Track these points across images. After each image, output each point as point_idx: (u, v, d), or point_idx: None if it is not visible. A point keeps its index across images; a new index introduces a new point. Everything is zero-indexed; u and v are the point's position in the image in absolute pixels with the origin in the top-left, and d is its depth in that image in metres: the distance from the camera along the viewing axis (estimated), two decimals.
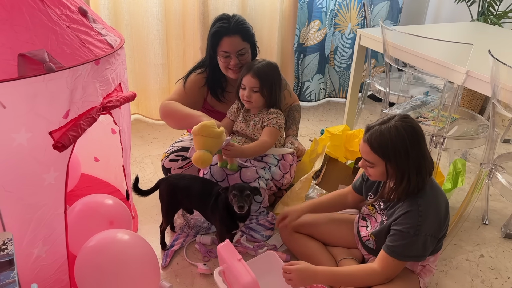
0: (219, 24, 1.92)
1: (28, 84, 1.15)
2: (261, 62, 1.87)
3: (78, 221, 1.60)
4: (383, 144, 1.37)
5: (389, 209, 1.47)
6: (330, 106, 3.51)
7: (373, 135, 1.39)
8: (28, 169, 1.24)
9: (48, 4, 1.31)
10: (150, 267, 1.46)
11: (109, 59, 1.43)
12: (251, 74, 1.83)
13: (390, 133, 1.36)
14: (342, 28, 3.31)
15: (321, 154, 2.16)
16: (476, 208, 2.09)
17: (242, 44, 1.93)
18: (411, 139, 1.36)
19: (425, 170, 1.40)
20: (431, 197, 1.41)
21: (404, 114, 1.43)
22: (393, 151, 1.36)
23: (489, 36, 2.53)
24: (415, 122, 1.40)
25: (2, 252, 1.04)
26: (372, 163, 1.42)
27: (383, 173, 1.42)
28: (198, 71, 2.07)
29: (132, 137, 1.97)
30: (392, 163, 1.38)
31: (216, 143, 1.63)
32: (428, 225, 1.37)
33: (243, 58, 1.95)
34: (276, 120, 1.89)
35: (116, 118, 1.61)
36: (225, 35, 1.90)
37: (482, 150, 1.95)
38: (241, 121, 1.97)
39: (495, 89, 1.66)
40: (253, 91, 1.85)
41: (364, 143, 1.42)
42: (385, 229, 1.46)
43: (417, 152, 1.37)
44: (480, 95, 3.19)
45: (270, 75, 1.86)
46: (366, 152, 1.42)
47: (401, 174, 1.38)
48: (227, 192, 1.63)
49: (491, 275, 1.78)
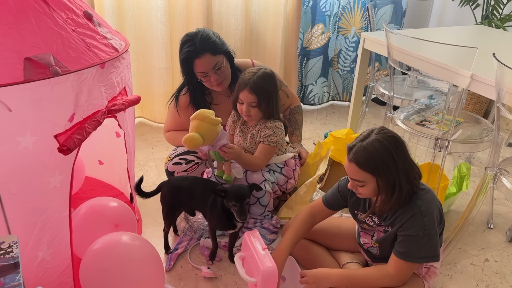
0: (186, 49, 1.88)
1: (34, 87, 1.16)
2: (256, 73, 1.80)
3: (83, 224, 1.60)
4: (370, 160, 1.35)
5: (387, 219, 1.46)
6: (333, 110, 3.51)
7: (358, 153, 1.36)
8: (34, 172, 1.25)
9: (54, 8, 1.32)
10: (155, 270, 1.46)
11: (114, 62, 1.44)
12: (248, 90, 1.77)
13: (374, 147, 1.35)
14: (346, 32, 3.32)
15: (325, 158, 2.16)
16: (480, 212, 2.08)
17: (214, 59, 1.88)
18: (396, 149, 1.36)
19: (413, 175, 1.40)
20: (425, 195, 1.42)
21: (381, 126, 1.42)
22: (381, 164, 1.35)
23: (494, 40, 2.52)
24: (393, 132, 1.41)
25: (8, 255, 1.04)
26: (362, 181, 1.39)
27: (375, 189, 1.40)
28: (183, 92, 2.06)
29: (136, 140, 1.98)
30: (383, 176, 1.36)
31: (209, 129, 1.65)
32: (433, 223, 1.39)
33: (221, 72, 1.92)
34: (273, 137, 1.85)
35: (121, 121, 1.62)
36: (195, 58, 1.87)
37: (487, 153, 1.94)
38: (239, 134, 1.95)
39: (499, 92, 1.66)
40: (251, 106, 1.81)
41: (350, 163, 1.39)
42: (391, 237, 1.46)
43: (403, 159, 1.37)
44: (485, 98, 3.18)
45: (267, 88, 1.81)
46: (354, 171, 1.39)
47: (392, 185, 1.37)
48: (225, 195, 1.61)
49: (496, 279, 1.77)
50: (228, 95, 2.07)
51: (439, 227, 1.44)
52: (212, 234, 1.74)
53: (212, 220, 1.71)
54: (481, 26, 2.95)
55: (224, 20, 2.85)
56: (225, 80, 1.97)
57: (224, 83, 1.97)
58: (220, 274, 1.72)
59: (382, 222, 1.49)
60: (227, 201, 1.61)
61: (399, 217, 1.42)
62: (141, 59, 2.81)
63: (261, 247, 1.49)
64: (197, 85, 2.00)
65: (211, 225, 1.73)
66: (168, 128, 2.20)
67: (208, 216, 1.73)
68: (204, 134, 1.64)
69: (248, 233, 1.57)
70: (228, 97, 2.07)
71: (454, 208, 2.21)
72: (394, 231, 1.44)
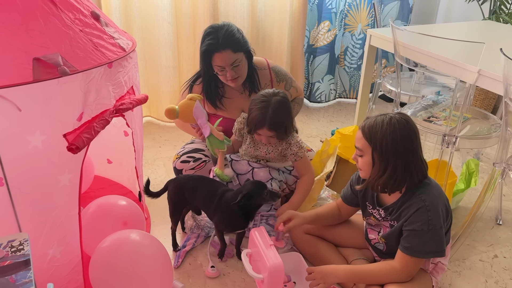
0: (208, 42, 1.86)
1: (43, 87, 1.17)
2: (269, 105, 1.72)
3: (92, 222, 1.61)
4: (372, 130, 1.39)
5: (393, 214, 1.47)
6: (340, 107, 3.50)
7: (367, 122, 1.42)
8: (43, 171, 1.26)
9: (62, 9, 1.34)
10: (164, 267, 1.47)
11: (122, 62, 1.45)
12: (267, 127, 1.74)
13: (383, 122, 1.39)
14: (352, 29, 3.31)
15: (333, 155, 2.16)
16: (489, 208, 2.07)
17: (234, 56, 1.88)
18: (402, 133, 1.37)
19: (414, 168, 1.40)
20: (430, 189, 1.43)
21: (404, 113, 1.44)
22: (381, 138, 1.38)
23: (501, 35, 2.50)
24: (412, 121, 1.41)
25: (19, 252, 1.06)
26: (361, 150, 1.44)
27: (370, 162, 1.42)
28: (198, 82, 2.07)
29: (144, 139, 1.99)
30: (378, 150, 1.39)
31: (185, 102, 1.76)
32: (437, 217, 1.39)
33: (238, 69, 1.92)
34: (301, 151, 1.86)
35: (129, 120, 1.63)
36: (215, 52, 1.86)
37: (495, 149, 1.93)
38: (250, 145, 1.93)
39: (507, 88, 1.65)
40: (271, 137, 1.80)
41: (358, 130, 1.45)
42: (396, 232, 1.46)
43: (406, 147, 1.38)
44: (493, 94, 3.16)
45: (284, 121, 1.77)
46: (358, 138, 1.45)
47: (385, 164, 1.39)
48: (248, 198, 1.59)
49: (505, 275, 1.76)
50: (241, 92, 2.08)
51: (446, 223, 1.44)
52: (219, 234, 1.74)
53: (220, 224, 1.71)
54: (488, 22, 2.93)
55: (230, 19, 2.86)
56: (240, 77, 1.97)
57: (238, 80, 1.98)
58: (228, 271, 1.73)
59: (388, 216, 1.49)
60: (256, 199, 1.61)
61: (404, 211, 1.43)
62: (148, 58, 2.82)
63: (267, 244, 1.50)
64: (213, 77, 2.00)
65: (218, 227, 1.73)
66: None
67: (214, 220, 1.73)
68: (180, 107, 1.76)
69: (254, 230, 1.58)
70: (240, 93, 2.09)
71: (462, 205, 2.20)
72: (400, 225, 1.44)
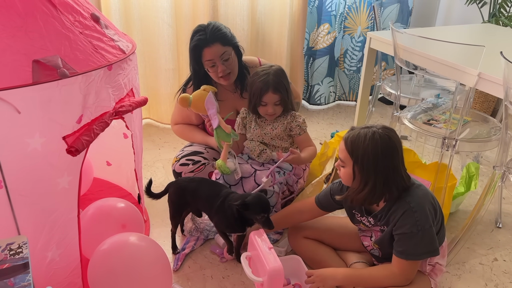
0: (197, 38, 1.92)
1: (42, 89, 1.17)
2: (270, 73, 1.84)
3: (91, 225, 1.61)
4: (355, 144, 1.39)
5: (382, 219, 1.47)
6: (340, 109, 3.50)
7: (351, 134, 1.42)
8: (42, 174, 1.26)
9: (62, 11, 1.34)
10: (163, 270, 1.47)
11: (121, 64, 1.45)
12: (272, 90, 1.82)
13: (365, 136, 1.38)
14: (352, 31, 3.31)
15: (332, 158, 2.16)
16: (489, 211, 2.07)
17: (223, 49, 1.92)
18: (383, 149, 1.37)
19: (393, 183, 1.40)
20: (414, 190, 1.42)
21: (389, 127, 1.44)
22: (362, 153, 1.37)
23: (501, 38, 2.51)
24: (395, 136, 1.41)
25: (18, 255, 1.05)
26: (343, 161, 1.44)
27: (350, 175, 1.42)
28: (190, 85, 2.09)
29: (144, 141, 1.99)
30: (359, 165, 1.39)
31: (199, 93, 1.81)
32: (425, 217, 1.39)
33: (228, 63, 1.95)
34: (304, 124, 1.93)
35: (128, 122, 1.63)
36: (205, 47, 1.91)
37: (495, 152, 1.93)
38: (255, 127, 1.96)
39: (507, 91, 1.65)
40: (275, 104, 1.86)
41: (342, 141, 1.45)
42: (387, 236, 1.46)
43: (387, 164, 1.38)
44: (492, 97, 3.16)
45: (284, 83, 1.87)
46: (341, 149, 1.45)
47: (365, 180, 1.39)
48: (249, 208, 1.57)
49: (505, 279, 1.76)
50: (234, 91, 2.09)
51: (436, 221, 1.43)
52: (222, 235, 1.74)
53: (220, 224, 1.71)
54: (488, 24, 2.93)
55: (230, 21, 2.86)
56: (231, 73, 1.98)
57: (230, 76, 1.99)
58: (228, 274, 1.73)
59: (378, 222, 1.49)
60: (251, 213, 1.59)
61: (392, 216, 1.43)
62: (148, 60, 2.82)
63: (267, 247, 1.50)
64: (204, 76, 2.01)
65: (219, 228, 1.73)
66: (176, 120, 2.24)
67: (215, 220, 1.72)
68: (194, 96, 1.80)
69: (254, 233, 1.57)
70: (233, 92, 2.09)
71: (462, 208, 2.19)
72: (389, 230, 1.44)
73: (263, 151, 1.94)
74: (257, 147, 1.94)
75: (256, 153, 1.94)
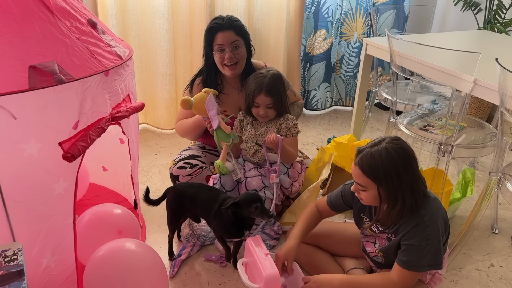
0: (214, 22, 2.02)
1: (39, 95, 1.17)
2: (266, 76, 1.89)
3: (87, 231, 1.60)
4: (373, 167, 1.34)
5: (391, 227, 1.45)
6: (336, 115, 3.51)
7: (364, 158, 1.36)
8: (38, 180, 1.25)
9: (59, 16, 1.34)
10: (159, 277, 1.46)
11: (118, 70, 1.45)
12: (264, 93, 1.86)
13: (380, 155, 1.34)
14: (348, 37, 3.32)
15: (328, 163, 2.16)
16: (485, 217, 2.07)
17: (236, 37, 2.00)
18: (403, 162, 1.34)
19: (418, 190, 1.38)
20: (429, 204, 1.40)
21: (395, 136, 1.41)
22: (384, 174, 1.34)
23: (496, 45, 2.52)
24: (406, 144, 1.38)
25: (12, 262, 1.05)
26: (364, 186, 1.39)
27: (376, 197, 1.39)
28: (198, 81, 2.12)
29: (140, 147, 1.98)
30: (384, 186, 1.35)
31: (200, 95, 1.85)
32: (436, 232, 1.37)
33: (237, 52, 2.00)
34: (294, 128, 1.94)
35: (125, 128, 1.63)
36: (219, 31, 1.99)
37: (491, 158, 1.93)
38: (250, 129, 1.98)
39: (503, 97, 1.66)
40: (268, 107, 1.89)
41: (355, 166, 1.40)
42: (395, 245, 1.45)
43: (409, 174, 1.35)
44: (488, 103, 3.17)
45: (279, 88, 1.90)
46: (357, 175, 1.40)
47: (394, 198, 1.36)
48: (238, 206, 1.59)
49: (501, 285, 1.76)
50: (239, 89, 2.12)
51: (444, 236, 1.43)
52: (220, 240, 1.74)
53: (218, 229, 1.71)
54: (483, 31, 2.95)
55: None
56: (238, 64, 2.02)
57: (236, 68, 2.03)
58: (224, 280, 1.72)
59: (386, 230, 1.48)
60: (244, 210, 1.59)
61: (402, 226, 1.41)
62: (145, 66, 2.82)
63: (263, 253, 1.49)
64: (213, 67, 2.07)
65: (217, 234, 1.73)
66: (180, 118, 2.23)
67: (213, 225, 1.73)
68: (195, 98, 1.85)
69: (250, 239, 1.57)
70: (239, 91, 2.12)
71: (458, 214, 2.20)
72: (398, 239, 1.43)
73: (257, 151, 1.95)
74: (252, 147, 1.96)
75: (250, 153, 1.96)
